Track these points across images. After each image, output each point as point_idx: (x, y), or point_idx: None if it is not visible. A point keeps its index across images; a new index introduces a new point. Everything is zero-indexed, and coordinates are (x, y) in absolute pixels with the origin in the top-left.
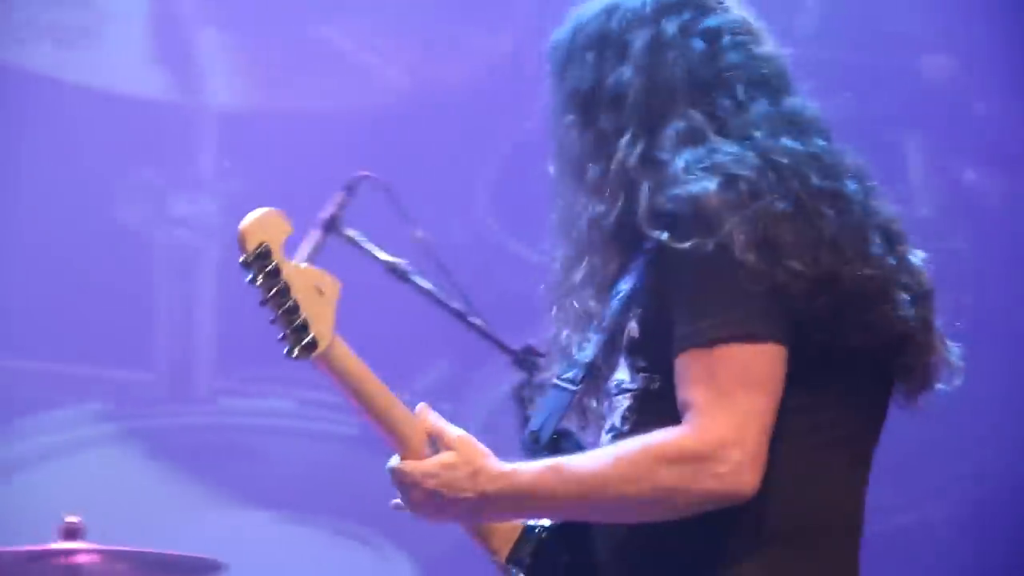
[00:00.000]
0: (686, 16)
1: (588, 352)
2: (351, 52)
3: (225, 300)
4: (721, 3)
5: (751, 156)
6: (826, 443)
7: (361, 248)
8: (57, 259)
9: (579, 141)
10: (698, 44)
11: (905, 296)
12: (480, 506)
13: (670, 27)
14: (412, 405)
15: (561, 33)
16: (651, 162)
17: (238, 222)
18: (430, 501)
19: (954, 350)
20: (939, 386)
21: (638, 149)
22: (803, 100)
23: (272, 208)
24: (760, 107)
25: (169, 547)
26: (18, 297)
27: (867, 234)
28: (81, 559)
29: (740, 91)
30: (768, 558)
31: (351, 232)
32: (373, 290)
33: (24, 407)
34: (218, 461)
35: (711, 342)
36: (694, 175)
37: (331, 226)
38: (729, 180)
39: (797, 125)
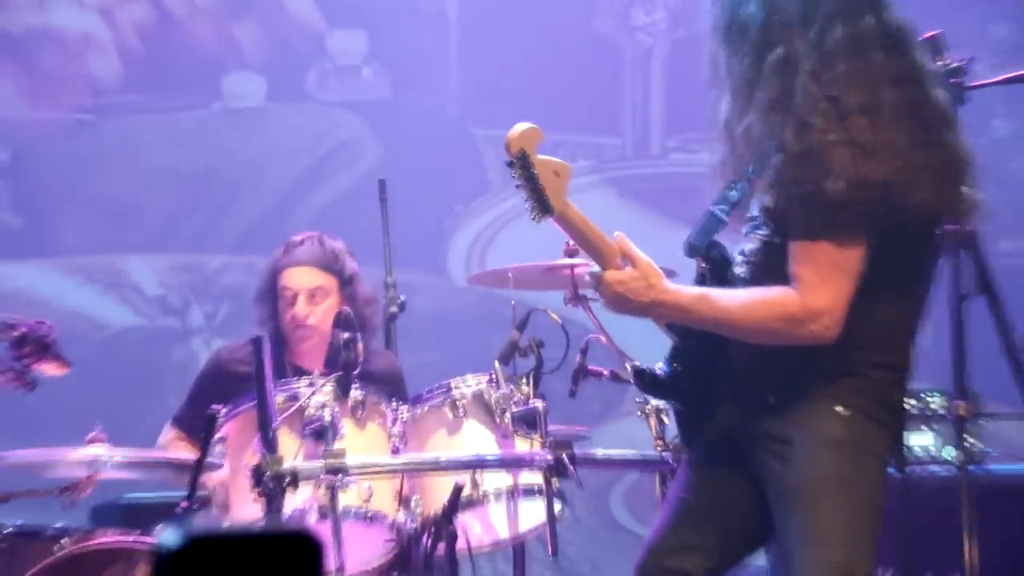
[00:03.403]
0: None
1: (736, 194)
2: None
3: (672, 85)
4: None
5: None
6: (891, 286)
7: None
8: (549, 62)
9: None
10: None
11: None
12: (649, 308)
13: None
14: None
15: None
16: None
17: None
18: (617, 298)
19: None
20: None
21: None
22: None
23: (529, 124)
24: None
25: None
26: (529, 82)
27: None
28: (579, 271)
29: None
30: (853, 362)
31: None
32: None
33: None
34: (667, 199)
35: (818, 237)
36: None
37: None
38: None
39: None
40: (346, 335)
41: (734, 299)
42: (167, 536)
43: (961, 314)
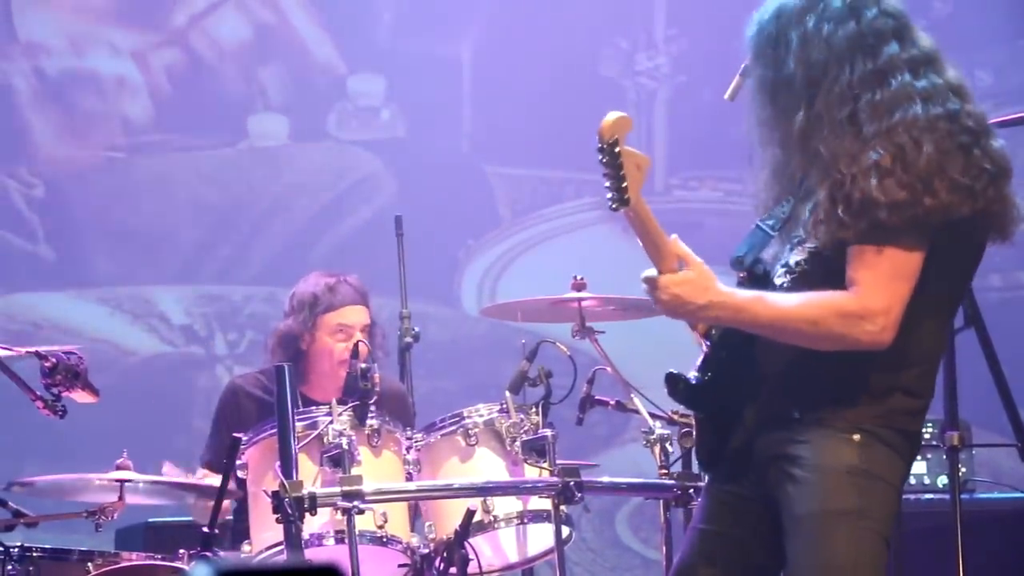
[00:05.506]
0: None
1: (785, 210)
2: None
3: (674, 126)
4: None
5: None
6: (935, 309)
7: None
8: (557, 105)
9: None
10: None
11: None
12: (705, 309)
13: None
14: None
15: (750, 31)
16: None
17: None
18: (674, 299)
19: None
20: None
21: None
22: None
23: (622, 113)
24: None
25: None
26: (538, 123)
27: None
28: (586, 304)
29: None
30: (894, 378)
31: None
32: None
33: (543, 202)
34: (670, 234)
35: (878, 242)
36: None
37: None
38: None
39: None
40: (363, 366)
41: (789, 299)
42: (196, 571)
43: (953, 346)
